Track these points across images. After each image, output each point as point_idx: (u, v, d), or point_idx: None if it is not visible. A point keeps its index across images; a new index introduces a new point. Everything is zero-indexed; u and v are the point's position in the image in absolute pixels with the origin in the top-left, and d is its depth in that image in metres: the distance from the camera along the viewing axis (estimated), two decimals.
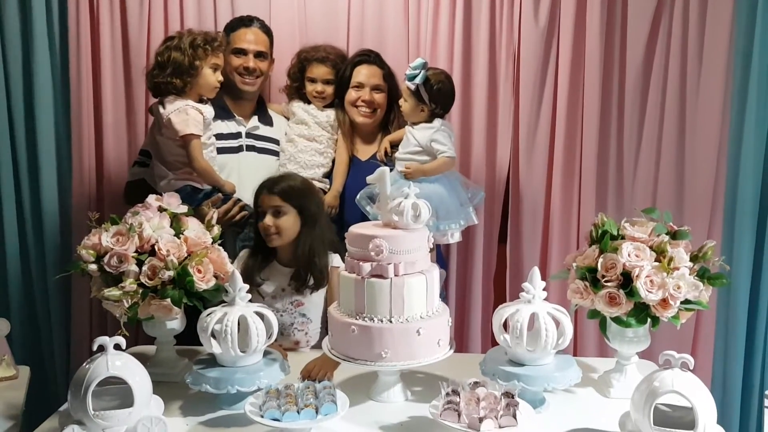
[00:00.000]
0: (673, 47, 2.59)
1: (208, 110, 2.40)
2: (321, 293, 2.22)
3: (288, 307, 2.21)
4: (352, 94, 2.58)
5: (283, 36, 2.69)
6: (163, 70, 2.33)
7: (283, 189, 2.17)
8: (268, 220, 2.14)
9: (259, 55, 2.56)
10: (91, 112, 2.74)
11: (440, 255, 2.65)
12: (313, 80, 2.62)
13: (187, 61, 2.31)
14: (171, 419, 1.66)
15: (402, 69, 2.67)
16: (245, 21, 2.59)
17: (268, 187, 2.18)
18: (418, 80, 2.34)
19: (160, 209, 1.95)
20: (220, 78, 2.40)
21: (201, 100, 2.40)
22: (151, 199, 1.98)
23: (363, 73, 2.57)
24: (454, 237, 2.43)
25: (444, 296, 2.65)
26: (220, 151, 2.51)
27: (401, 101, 2.44)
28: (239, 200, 2.45)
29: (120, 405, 1.52)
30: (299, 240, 2.17)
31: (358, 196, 2.41)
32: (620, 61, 2.64)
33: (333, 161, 2.63)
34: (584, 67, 2.63)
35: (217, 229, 2.01)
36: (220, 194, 2.40)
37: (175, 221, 1.93)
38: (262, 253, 2.23)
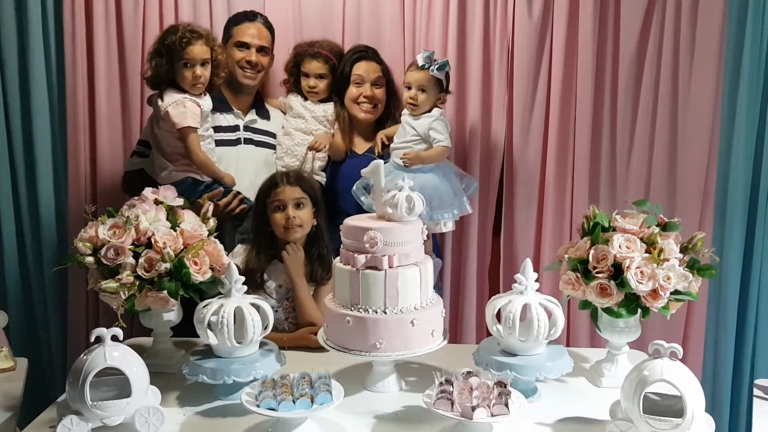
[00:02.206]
0: (665, 40, 2.60)
1: (206, 103, 2.40)
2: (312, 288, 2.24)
3: (284, 302, 2.23)
4: (353, 91, 2.59)
5: (278, 31, 2.69)
6: (158, 55, 2.34)
7: (302, 181, 2.23)
8: (292, 211, 2.16)
9: (261, 49, 2.58)
10: (86, 106, 2.74)
11: (437, 245, 2.67)
12: (306, 75, 2.64)
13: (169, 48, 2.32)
14: (168, 409, 1.67)
15: (398, 63, 2.70)
16: (249, 16, 2.61)
17: (287, 180, 2.21)
18: (447, 68, 2.39)
19: (157, 202, 1.96)
20: (198, 73, 2.33)
21: (201, 93, 2.40)
22: (148, 191, 1.99)
23: (362, 69, 2.58)
24: (447, 226, 2.45)
25: (439, 288, 2.68)
26: (218, 143, 2.52)
27: (417, 93, 2.40)
28: (239, 193, 2.46)
29: (117, 395, 1.54)
30: (317, 231, 2.23)
31: (354, 187, 2.43)
32: (613, 54, 2.65)
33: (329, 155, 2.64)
34: (577, 60, 2.64)
35: (212, 222, 2.02)
36: (221, 188, 2.41)
37: (171, 214, 1.94)
38: (263, 253, 2.23)
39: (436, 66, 2.36)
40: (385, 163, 2.16)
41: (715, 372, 2.71)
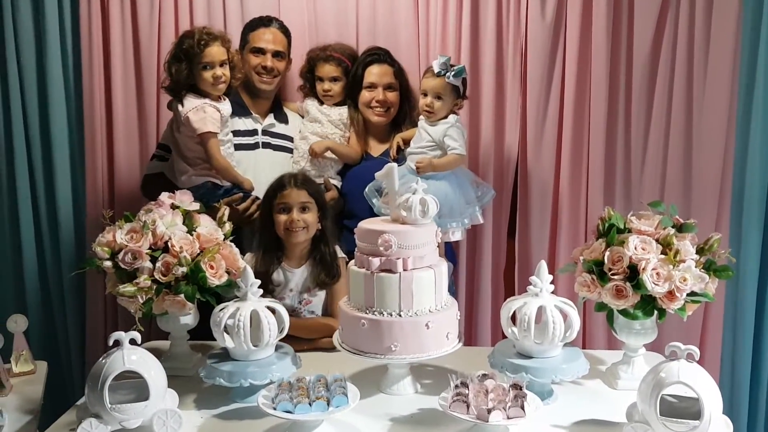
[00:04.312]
0: (679, 40, 2.58)
1: (226, 108, 2.41)
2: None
3: (297, 306, 2.23)
4: (365, 95, 2.59)
5: (294, 36, 2.69)
6: (177, 60, 2.35)
7: (309, 184, 2.24)
8: (296, 215, 2.17)
9: (276, 54, 2.59)
10: (103, 112, 2.78)
11: (449, 249, 2.67)
12: (320, 79, 2.65)
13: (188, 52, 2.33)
14: (186, 412, 1.69)
15: (413, 65, 2.70)
16: (264, 21, 2.61)
17: (294, 183, 2.21)
18: (464, 74, 2.36)
19: (173, 206, 1.98)
20: (218, 74, 2.34)
21: (219, 98, 2.41)
22: (164, 196, 2.01)
23: (374, 73, 2.58)
24: (455, 235, 2.40)
25: (453, 290, 2.67)
26: (237, 147, 2.53)
27: (432, 100, 2.35)
28: (257, 198, 2.47)
29: (136, 398, 1.56)
30: (321, 235, 2.23)
31: (366, 189, 2.43)
32: (627, 55, 2.64)
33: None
34: (591, 62, 2.63)
35: (228, 226, 2.04)
36: (240, 192, 2.42)
37: (188, 218, 1.96)
38: (270, 253, 2.23)
39: (453, 73, 2.32)
40: (399, 166, 2.17)
41: (733, 374, 2.69)
